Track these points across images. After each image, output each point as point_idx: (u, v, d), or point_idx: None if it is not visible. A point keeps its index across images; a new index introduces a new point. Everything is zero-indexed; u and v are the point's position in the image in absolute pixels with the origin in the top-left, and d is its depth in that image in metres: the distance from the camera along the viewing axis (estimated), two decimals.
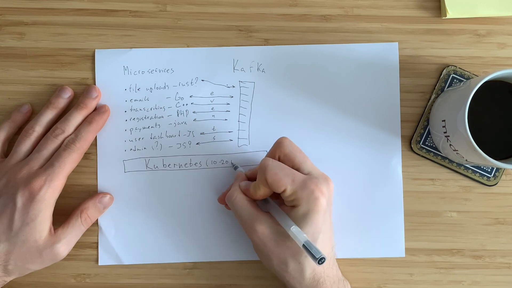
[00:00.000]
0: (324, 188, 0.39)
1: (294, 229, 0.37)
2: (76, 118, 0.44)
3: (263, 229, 0.40)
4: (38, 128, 0.44)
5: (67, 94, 0.46)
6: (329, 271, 0.41)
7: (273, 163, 0.39)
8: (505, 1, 0.46)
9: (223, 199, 0.45)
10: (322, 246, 0.39)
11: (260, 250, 0.41)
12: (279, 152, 0.41)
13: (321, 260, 0.35)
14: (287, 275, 0.40)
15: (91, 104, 0.45)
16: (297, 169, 0.40)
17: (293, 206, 0.39)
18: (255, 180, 0.41)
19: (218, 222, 0.46)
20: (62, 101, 0.45)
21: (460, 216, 0.47)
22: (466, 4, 0.46)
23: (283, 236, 0.39)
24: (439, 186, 0.47)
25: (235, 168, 0.46)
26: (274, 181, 0.39)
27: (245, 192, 0.42)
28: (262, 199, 0.42)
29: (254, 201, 0.42)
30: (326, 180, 0.40)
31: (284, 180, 0.39)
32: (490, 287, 0.46)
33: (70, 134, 0.44)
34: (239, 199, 0.41)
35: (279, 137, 0.42)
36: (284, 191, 0.39)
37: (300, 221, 0.38)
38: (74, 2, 0.47)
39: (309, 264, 0.39)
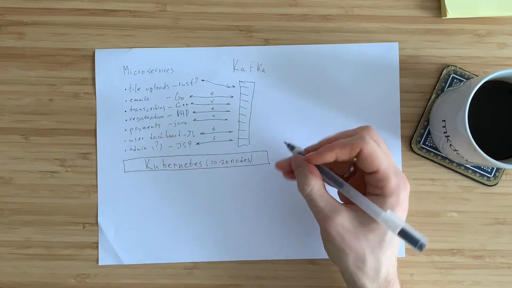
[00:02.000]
0: (409, 187, 0.37)
1: (386, 215, 0.34)
2: None
3: (343, 220, 0.36)
4: None
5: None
6: (397, 274, 0.39)
7: (373, 141, 0.36)
8: (505, 1, 0.46)
9: (285, 165, 0.40)
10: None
11: (335, 244, 0.37)
12: (368, 134, 0.37)
13: (422, 246, 0.32)
14: (360, 273, 0.37)
15: None
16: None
17: (379, 195, 0.37)
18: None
19: (218, 222, 0.46)
20: None
21: (460, 216, 0.47)
22: (466, 4, 0.46)
23: (364, 228, 0.36)
24: (439, 186, 0.47)
25: (292, 148, 0.41)
26: (371, 154, 0.35)
27: (312, 157, 0.38)
28: (335, 181, 0.38)
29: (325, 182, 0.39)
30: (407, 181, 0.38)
31: (381, 159, 0.35)
32: (490, 287, 0.46)
33: None
34: (317, 188, 0.37)
35: (365, 125, 0.39)
36: (375, 172, 0.36)
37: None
38: (74, 2, 0.47)
39: (385, 261, 0.37)
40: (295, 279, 0.47)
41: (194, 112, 0.47)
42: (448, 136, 0.42)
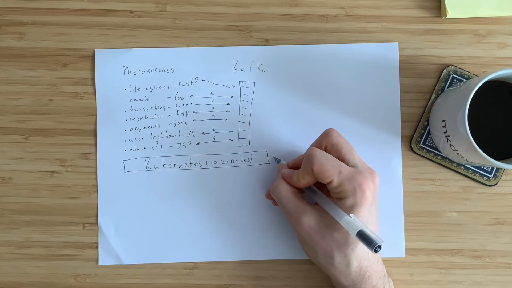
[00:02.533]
0: (370, 182, 0.39)
1: (347, 219, 0.37)
2: None
3: (309, 221, 0.40)
4: None
5: None
6: (375, 266, 0.40)
7: (320, 154, 0.39)
8: (505, 1, 0.46)
9: (270, 195, 0.44)
10: None
11: (305, 242, 0.41)
12: (326, 142, 0.41)
13: (378, 248, 0.34)
14: (332, 269, 0.40)
15: None
16: (343, 161, 0.40)
17: (339, 198, 0.39)
18: (298, 169, 0.41)
19: (218, 222, 0.46)
20: None
21: (460, 216, 0.47)
22: (466, 4, 0.46)
23: (329, 228, 0.39)
24: (439, 186, 0.47)
25: (278, 161, 0.45)
26: (321, 171, 0.39)
27: (288, 180, 0.42)
28: (309, 190, 0.42)
29: (299, 193, 0.42)
30: (372, 173, 0.40)
31: (331, 171, 0.38)
32: (490, 287, 0.46)
33: None
34: (284, 191, 0.41)
35: (327, 128, 0.42)
36: (330, 182, 0.39)
37: (347, 213, 0.38)
38: (74, 2, 0.47)
39: (355, 257, 0.39)
40: (295, 279, 0.47)
41: (194, 112, 0.47)
42: (448, 136, 0.42)
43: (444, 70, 0.47)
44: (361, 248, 0.39)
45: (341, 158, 0.40)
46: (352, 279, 0.40)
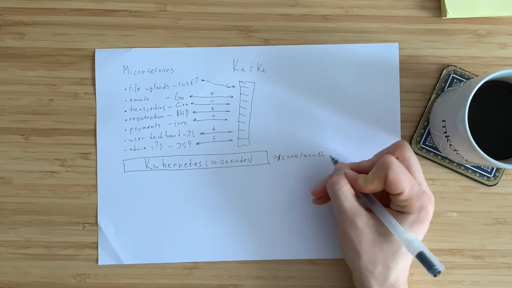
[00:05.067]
0: (431, 203, 0.39)
1: (408, 237, 0.37)
2: None
3: (363, 225, 0.39)
4: None
5: None
6: (406, 279, 0.41)
7: (397, 163, 0.38)
8: (505, 1, 0.46)
9: (320, 191, 0.43)
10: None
11: (351, 245, 0.40)
12: (399, 153, 0.40)
13: (438, 273, 0.35)
14: (370, 275, 0.40)
15: None
16: None
17: (401, 212, 0.39)
18: (360, 173, 0.41)
19: (218, 222, 0.46)
20: None
21: (460, 216, 0.47)
22: (466, 4, 0.46)
23: (380, 237, 0.39)
24: (439, 186, 0.47)
25: (335, 162, 0.45)
26: (395, 180, 0.38)
27: (351, 181, 0.41)
28: (366, 198, 0.41)
29: (357, 196, 0.41)
30: (431, 196, 0.40)
31: (404, 183, 0.38)
32: (490, 287, 0.46)
33: None
34: (346, 189, 0.40)
35: (399, 140, 0.41)
36: (399, 194, 0.38)
37: (406, 229, 0.38)
38: (74, 2, 0.47)
39: (396, 270, 0.39)
40: (295, 279, 0.47)
41: (194, 112, 0.47)
42: (448, 136, 0.42)
43: (444, 70, 0.47)
44: (404, 263, 0.39)
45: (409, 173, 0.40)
46: None
